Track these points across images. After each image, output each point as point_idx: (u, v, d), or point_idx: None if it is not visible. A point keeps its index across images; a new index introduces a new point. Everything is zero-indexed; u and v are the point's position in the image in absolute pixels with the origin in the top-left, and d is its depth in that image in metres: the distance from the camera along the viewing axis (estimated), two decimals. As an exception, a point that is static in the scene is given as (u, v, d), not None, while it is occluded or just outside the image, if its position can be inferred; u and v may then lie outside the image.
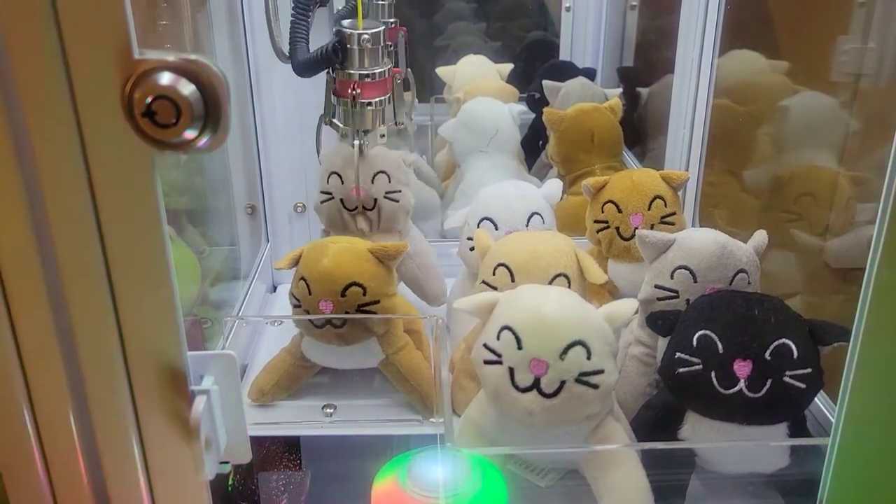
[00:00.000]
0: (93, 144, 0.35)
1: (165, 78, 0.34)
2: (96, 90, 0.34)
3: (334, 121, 0.90)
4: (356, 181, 0.87)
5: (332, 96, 0.88)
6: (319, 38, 0.89)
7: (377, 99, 0.87)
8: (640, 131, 1.38)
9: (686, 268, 0.72)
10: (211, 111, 0.35)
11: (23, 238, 0.36)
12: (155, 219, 0.37)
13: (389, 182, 0.90)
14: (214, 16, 0.95)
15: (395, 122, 0.92)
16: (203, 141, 0.35)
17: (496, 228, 0.87)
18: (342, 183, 0.90)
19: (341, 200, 0.90)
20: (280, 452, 0.80)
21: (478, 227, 0.87)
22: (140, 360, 0.39)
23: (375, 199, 0.90)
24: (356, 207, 0.90)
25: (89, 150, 0.35)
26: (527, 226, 0.87)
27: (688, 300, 0.72)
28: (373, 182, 0.89)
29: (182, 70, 0.34)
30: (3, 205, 0.36)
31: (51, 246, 0.37)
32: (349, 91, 0.86)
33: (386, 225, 0.91)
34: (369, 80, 0.86)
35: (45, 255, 0.37)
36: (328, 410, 0.82)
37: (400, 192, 0.91)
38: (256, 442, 0.45)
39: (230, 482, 0.71)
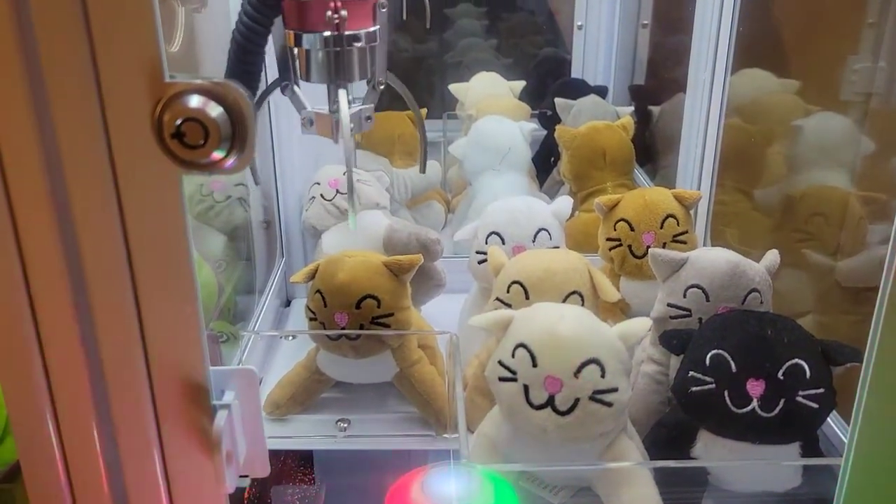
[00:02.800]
0: (123, 164, 0.36)
1: (194, 101, 0.35)
2: (127, 112, 0.35)
3: (297, 90, 0.66)
4: (347, 168, 0.66)
5: (292, 48, 0.63)
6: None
7: (368, 30, 0.62)
8: (651, 149, 1.39)
9: (699, 287, 0.72)
10: (237, 132, 0.36)
11: (52, 252, 0.37)
12: (181, 236, 0.38)
13: (359, 177, 1.02)
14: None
15: (376, 82, 0.66)
16: (229, 161, 0.36)
17: (503, 243, 0.87)
18: (319, 185, 1.02)
19: (322, 195, 1.01)
20: (294, 466, 0.81)
21: (486, 241, 0.88)
22: (164, 374, 0.40)
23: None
24: (334, 196, 1.00)
25: (119, 170, 0.36)
26: (534, 242, 0.88)
27: (700, 319, 0.72)
28: (343, 175, 1.00)
29: (210, 93, 0.35)
30: (34, 221, 0.36)
31: (79, 261, 0.37)
32: (328, 16, 0.59)
33: (367, 202, 1.00)
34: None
35: (73, 270, 0.38)
36: (342, 425, 0.82)
37: (364, 180, 1.03)
38: (271, 455, 0.46)
39: (246, 496, 0.72)
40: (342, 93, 0.63)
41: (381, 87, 0.66)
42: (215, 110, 0.35)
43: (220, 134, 0.35)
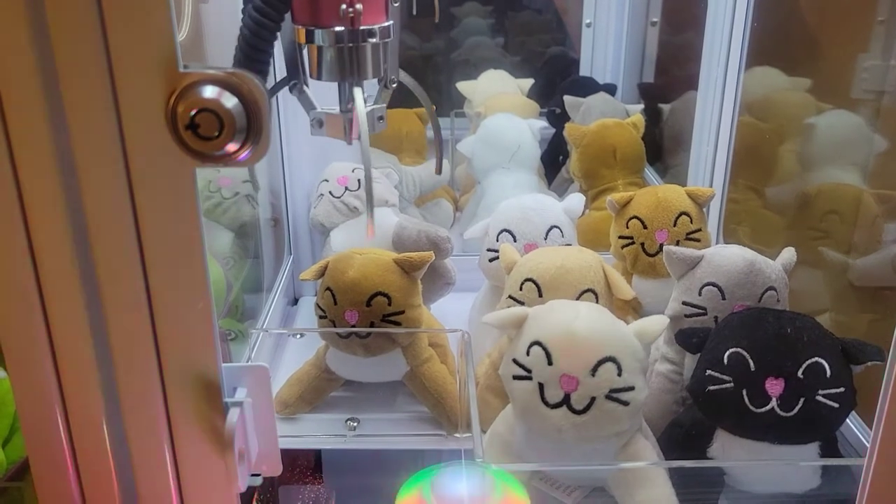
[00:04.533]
0: (136, 156, 0.35)
1: (209, 91, 0.34)
2: (141, 103, 0.34)
3: (306, 89, 0.62)
4: (366, 170, 0.65)
5: (301, 45, 0.60)
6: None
7: (382, 25, 0.58)
8: (661, 147, 1.38)
9: (714, 284, 0.71)
10: (252, 124, 0.35)
11: (63, 246, 0.36)
12: (194, 230, 0.37)
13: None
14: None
15: (388, 80, 0.63)
16: (244, 153, 0.36)
17: (514, 240, 0.87)
18: (328, 182, 1.01)
19: (330, 192, 1.00)
20: (303, 466, 0.80)
21: (497, 239, 0.87)
22: (176, 371, 0.39)
23: (359, 180, 0.99)
24: (343, 194, 0.99)
25: (132, 161, 0.35)
26: (545, 239, 0.87)
27: (716, 317, 0.71)
28: (353, 171, 1.00)
29: (225, 83, 0.34)
30: (45, 214, 0.36)
31: (90, 255, 0.37)
32: (342, 10, 0.55)
33: (377, 200, 0.98)
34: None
35: (85, 265, 0.37)
36: (352, 424, 0.81)
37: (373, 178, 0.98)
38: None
39: (257, 495, 0.71)
40: (358, 91, 0.60)
41: (394, 85, 0.63)
42: (230, 101, 0.34)
43: (235, 125, 0.34)
